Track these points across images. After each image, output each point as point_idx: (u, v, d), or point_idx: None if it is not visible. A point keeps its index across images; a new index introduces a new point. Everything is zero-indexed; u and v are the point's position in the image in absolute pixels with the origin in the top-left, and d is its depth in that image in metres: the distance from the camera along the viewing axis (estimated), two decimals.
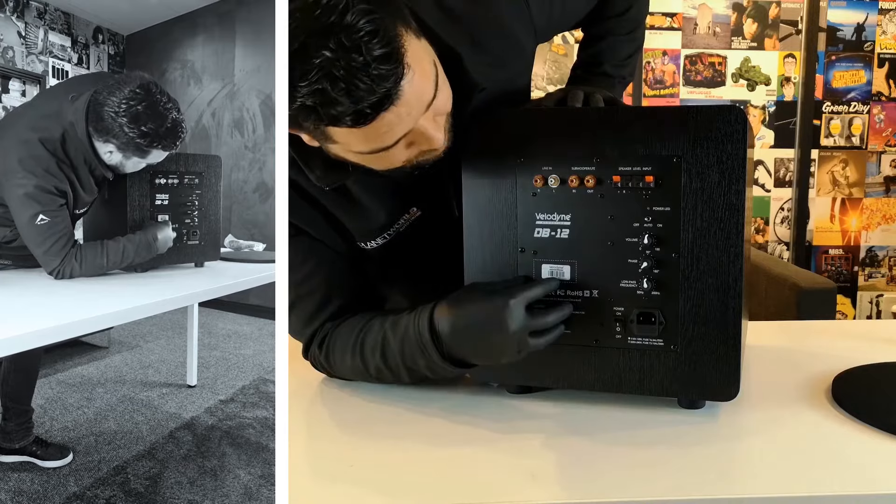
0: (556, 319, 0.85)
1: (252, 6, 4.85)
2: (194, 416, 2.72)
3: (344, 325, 0.98)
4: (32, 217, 1.69)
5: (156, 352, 3.73)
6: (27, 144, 1.69)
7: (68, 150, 1.73)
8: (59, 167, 1.71)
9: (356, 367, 0.97)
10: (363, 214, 0.98)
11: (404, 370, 0.93)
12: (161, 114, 1.71)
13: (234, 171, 4.97)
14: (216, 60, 5.13)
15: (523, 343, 0.83)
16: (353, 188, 0.96)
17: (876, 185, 3.54)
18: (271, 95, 4.75)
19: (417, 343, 0.89)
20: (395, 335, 0.91)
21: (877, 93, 3.49)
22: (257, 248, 2.72)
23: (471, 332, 0.85)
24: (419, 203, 0.99)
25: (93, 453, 2.33)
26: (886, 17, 3.45)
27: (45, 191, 1.69)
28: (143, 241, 1.87)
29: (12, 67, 4.68)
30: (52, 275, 1.75)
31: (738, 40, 3.44)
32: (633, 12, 1.21)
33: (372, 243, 1.01)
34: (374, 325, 0.94)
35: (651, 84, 3.43)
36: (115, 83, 1.72)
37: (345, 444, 0.83)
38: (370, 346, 0.94)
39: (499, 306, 0.82)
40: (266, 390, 3.10)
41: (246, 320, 4.57)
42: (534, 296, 0.84)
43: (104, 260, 1.79)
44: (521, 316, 0.82)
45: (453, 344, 0.87)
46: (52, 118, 1.73)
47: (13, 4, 4.72)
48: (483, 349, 0.85)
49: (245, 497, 2.06)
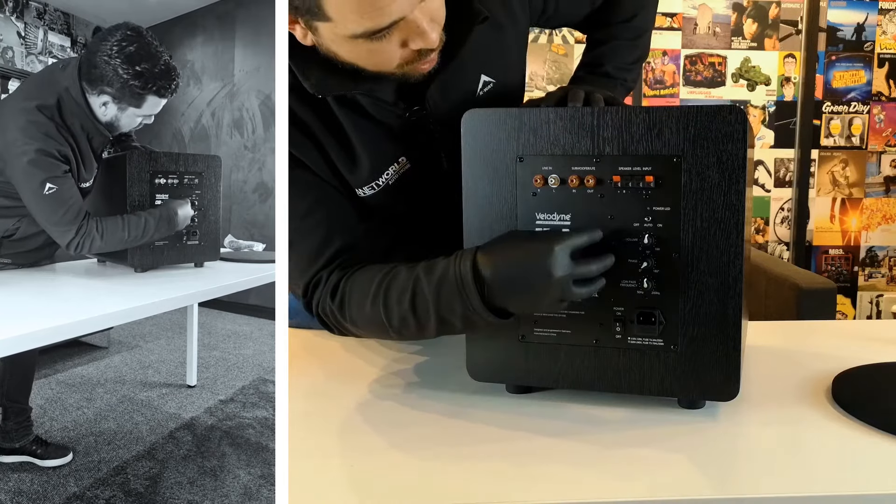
0: (599, 269, 0.83)
1: (252, 6, 4.85)
2: (194, 417, 2.72)
3: (362, 272, 0.95)
4: (39, 186, 1.64)
5: (155, 352, 3.73)
6: (24, 112, 1.67)
7: (65, 116, 1.72)
8: (58, 131, 1.69)
9: (375, 317, 0.91)
10: (353, 157, 0.99)
11: (434, 319, 0.88)
12: (154, 55, 1.70)
13: (234, 172, 4.97)
14: (216, 61, 5.13)
15: (567, 290, 0.81)
16: (345, 126, 0.97)
17: (876, 185, 3.54)
18: (271, 96, 4.75)
19: (458, 287, 0.84)
20: (431, 279, 0.87)
21: (877, 93, 3.49)
22: (257, 249, 2.72)
23: (515, 276, 0.82)
24: (408, 153, 1.01)
25: (92, 453, 2.33)
26: (886, 17, 3.45)
27: (48, 155, 1.65)
28: (165, 215, 1.85)
29: (12, 67, 4.68)
30: (70, 249, 1.71)
31: (738, 40, 3.44)
32: (638, 20, 1.21)
33: (362, 191, 1.01)
34: (401, 272, 0.90)
35: (651, 84, 3.43)
36: (104, 32, 1.71)
37: (345, 445, 0.83)
38: (397, 292, 0.89)
39: (543, 251, 0.80)
40: (266, 390, 3.10)
41: (246, 320, 4.57)
42: (579, 243, 0.82)
43: (125, 233, 1.76)
44: (565, 262, 0.80)
45: (496, 289, 0.83)
46: (45, 87, 1.73)
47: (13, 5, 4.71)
48: (526, 295, 0.82)
49: (245, 497, 2.06)
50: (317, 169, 0.99)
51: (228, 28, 5.03)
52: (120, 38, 1.67)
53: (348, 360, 1.11)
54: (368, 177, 1.00)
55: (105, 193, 2.02)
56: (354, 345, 1.15)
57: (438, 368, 1.04)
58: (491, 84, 1.05)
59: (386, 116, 0.98)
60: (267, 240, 3.57)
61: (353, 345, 1.15)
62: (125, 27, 1.70)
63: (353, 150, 0.99)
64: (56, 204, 1.67)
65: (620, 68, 1.20)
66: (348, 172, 1.00)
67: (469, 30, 0.92)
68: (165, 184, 1.99)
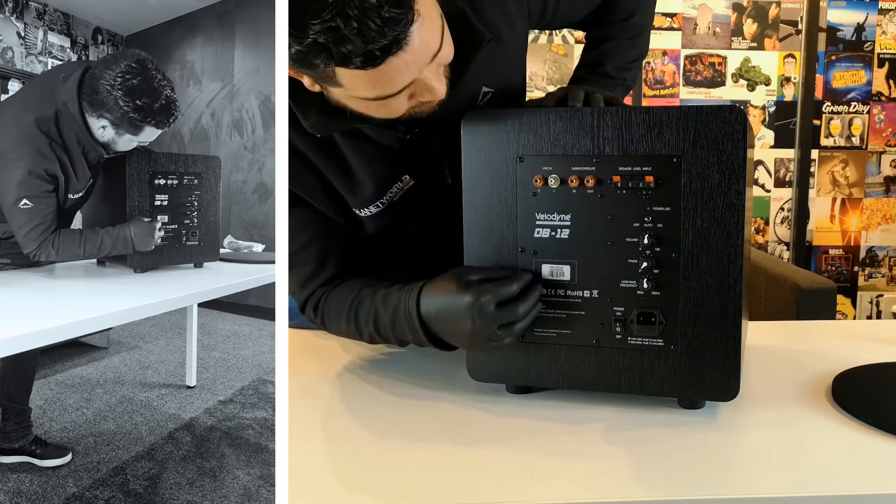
0: (525, 310, 0.86)
1: (252, 7, 4.85)
2: (193, 417, 2.72)
3: (336, 291, 1.03)
4: (17, 200, 1.72)
5: (155, 352, 3.73)
6: (21, 125, 1.71)
7: (62, 129, 1.75)
8: (51, 148, 1.72)
9: (351, 332, 1.03)
10: (354, 181, 1.01)
11: (396, 341, 0.98)
12: (156, 89, 1.73)
13: (234, 172, 4.97)
14: (215, 61, 5.13)
15: (493, 335, 0.85)
16: (345, 152, 0.99)
17: (876, 185, 3.54)
18: (271, 96, 4.75)
19: (406, 320, 0.93)
20: (387, 310, 0.96)
21: (877, 93, 3.49)
22: (256, 249, 2.72)
23: (446, 318, 0.88)
24: (411, 171, 1.02)
25: (92, 454, 2.33)
26: (886, 17, 3.45)
27: (35, 176, 1.71)
28: (121, 235, 1.88)
29: (11, 68, 4.68)
30: (30, 256, 1.79)
31: (738, 40, 3.44)
32: (636, 19, 1.21)
33: (366, 211, 1.04)
34: (366, 298, 0.99)
35: (651, 84, 3.43)
36: (110, 58, 1.75)
37: (345, 445, 0.83)
38: (363, 317, 0.99)
39: (468, 302, 0.85)
40: (265, 391, 3.10)
41: (245, 321, 4.57)
42: (506, 294, 0.85)
43: (81, 249, 1.83)
44: (488, 312, 0.84)
45: (433, 326, 0.91)
46: (45, 98, 1.76)
47: (12, 5, 4.71)
48: (458, 336, 0.89)
49: (244, 498, 2.06)
50: (315, 201, 1.03)
51: (228, 29, 5.03)
52: (124, 69, 1.70)
53: (348, 360, 1.11)
54: (371, 197, 1.03)
55: (105, 194, 2.02)
56: (354, 345, 1.15)
57: (439, 369, 1.04)
58: (490, 94, 1.05)
59: (387, 140, 0.99)
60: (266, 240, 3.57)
61: (353, 345, 1.15)
62: (132, 57, 1.73)
63: (353, 175, 1.01)
64: (27, 218, 1.74)
65: (620, 68, 1.20)
66: (349, 195, 1.03)
67: (473, 56, 0.90)
68: (165, 184, 1.99)
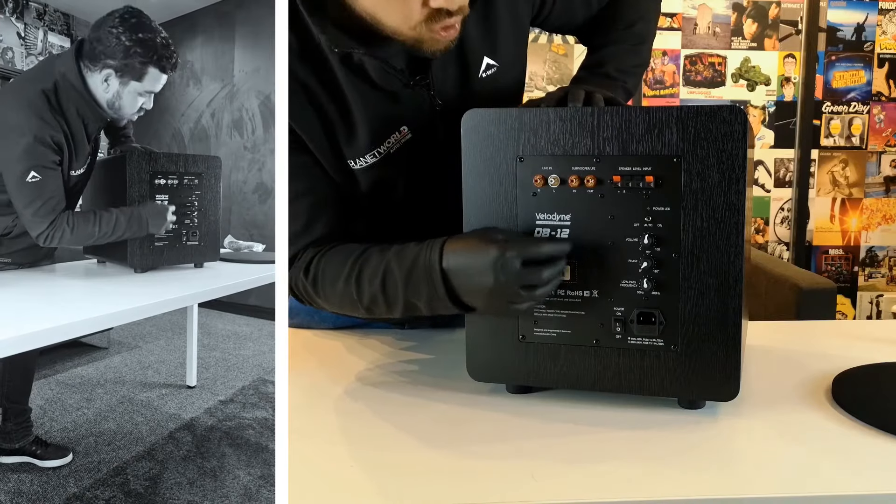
0: (549, 276, 0.83)
1: (252, 7, 4.85)
2: (194, 417, 2.72)
3: (334, 252, 0.99)
4: (24, 173, 1.68)
5: (155, 352, 3.73)
6: (22, 95, 1.72)
7: (61, 100, 1.76)
8: (53, 115, 1.72)
9: (346, 295, 0.97)
10: (353, 123, 1.01)
11: (401, 302, 0.92)
12: (154, 28, 1.81)
13: (234, 172, 4.97)
14: (215, 61, 5.13)
15: (514, 295, 0.83)
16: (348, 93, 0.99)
17: (876, 185, 3.54)
18: (271, 96, 4.75)
19: (426, 273, 0.88)
20: (401, 265, 0.91)
21: (877, 93, 3.49)
22: (257, 249, 2.72)
23: (470, 274, 0.85)
24: (409, 123, 1.03)
25: (92, 454, 2.33)
26: (886, 17, 3.45)
27: (41, 143, 1.69)
28: (136, 214, 1.87)
29: (12, 68, 4.68)
30: (39, 240, 1.75)
31: (738, 40, 3.44)
32: (639, 27, 1.21)
33: (361, 161, 1.03)
34: (373, 254, 0.95)
35: (651, 84, 3.43)
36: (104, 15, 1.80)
37: (345, 445, 0.83)
38: (369, 274, 0.94)
39: (493, 256, 0.82)
40: (266, 391, 3.10)
41: (245, 321, 4.57)
42: (532, 253, 0.83)
43: (96, 228, 1.79)
44: (514, 269, 0.82)
45: (454, 281, 0.87)
46: (44, 70, 1.79)
47: (13, 5, 4.72)
48: (478, 293, 0.85)
49: (245, 498, 2.06)
50: (313, 142, 1.01)
51: (228, 28, 5.03)
52: (121, 12, 1.77)
53: (348, 360, 1.11)
54: (368, 145, 1.02)
55: (105, 194, 2.02)
56: (355, 344, 1.15)
57: (439, 368, 1.04)
58: (494, 68, 1.06)
59: (390, 83, 1.00)
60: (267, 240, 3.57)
61: (354, 345, 1.15)
62: (125, 7, 1.80)
63: (352, 119, 1.01)
64: (36, 193, 1.70)
65: (621, 70, 1.20)
66: (346, 142, 1.02)
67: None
68: (165, 184, 1.99)
